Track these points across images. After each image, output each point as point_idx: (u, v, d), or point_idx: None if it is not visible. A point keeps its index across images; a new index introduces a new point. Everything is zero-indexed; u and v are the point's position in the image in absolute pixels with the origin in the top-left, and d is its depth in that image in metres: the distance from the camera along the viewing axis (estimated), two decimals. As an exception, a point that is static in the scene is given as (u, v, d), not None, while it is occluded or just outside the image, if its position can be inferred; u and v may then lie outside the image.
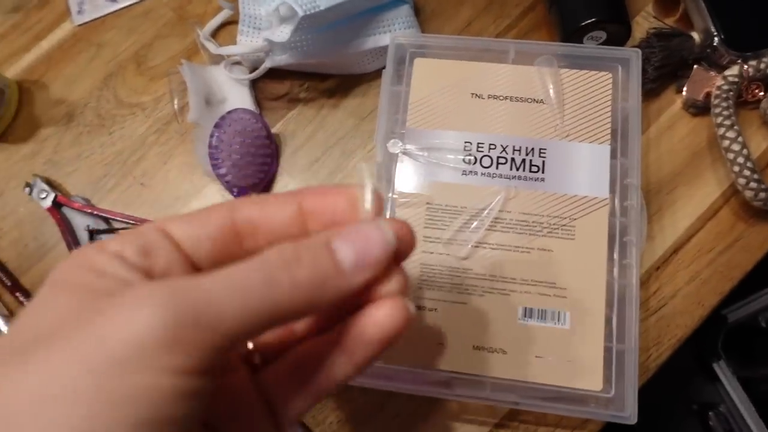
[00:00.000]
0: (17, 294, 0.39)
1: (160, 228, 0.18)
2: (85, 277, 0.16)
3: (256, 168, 0.39)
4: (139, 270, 0.17)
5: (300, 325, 0.21)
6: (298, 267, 0.16)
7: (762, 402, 0.49)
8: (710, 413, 0.51)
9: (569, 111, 0.34)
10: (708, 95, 0.37)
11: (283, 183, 0.41)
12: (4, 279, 0.40)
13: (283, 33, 0.36)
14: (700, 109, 0.38)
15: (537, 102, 0.35)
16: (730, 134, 0.34)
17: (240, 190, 0.39)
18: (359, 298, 0.18)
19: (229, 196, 0.40)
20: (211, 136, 0.38)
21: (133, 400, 0.14)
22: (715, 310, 0.36)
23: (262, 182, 0.40)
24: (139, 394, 0.14)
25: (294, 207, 0.19)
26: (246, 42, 0.40)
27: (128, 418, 0.14)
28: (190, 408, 0.15)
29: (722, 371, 0.50)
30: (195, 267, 0.18)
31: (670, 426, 0.54)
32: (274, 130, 0.41)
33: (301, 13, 0.34)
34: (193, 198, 0.41)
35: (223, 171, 0.38)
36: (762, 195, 0.33)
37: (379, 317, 0.18)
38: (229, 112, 0.38)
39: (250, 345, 0.21)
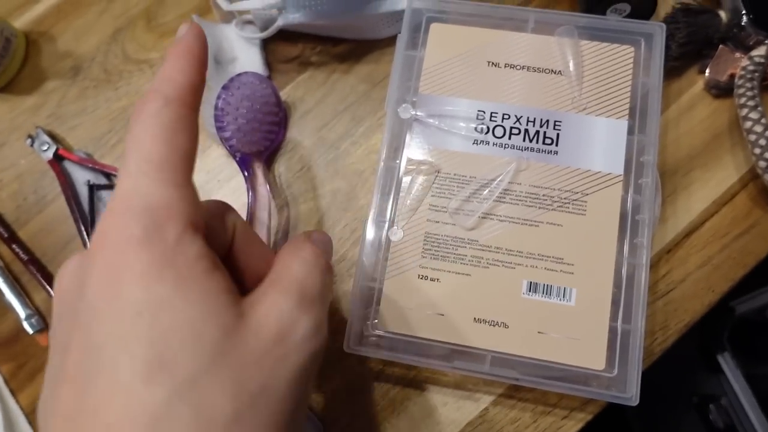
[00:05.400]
0: (13, 246, 0.39)
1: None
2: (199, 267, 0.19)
3: (262, 135, 0.38)
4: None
5: None
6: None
7: (764, 399, 0.48)
8: (711, 406, 0.50)
9: (587, 84, 0.33)
10: (732, 76, 0.36)
11: (291, 147, 0.40)
12: (1, 231, 0.39)
13: (296, -10, 0.35)
14: (722, 90, 0.36)
15: (555, 73, 0.34)
16: (753, 115, 0.33)
17: (243, 156, 0.38)
18: None
19: (232, 161, 0.39)
20: (218, 98, 0.37)
21: None
22: (724, 300, 0.35)
23: (268, 150, 0.39)
24: None
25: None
26: None
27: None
28: None
29: (726, 363, 0.49)
30: None
31: (670, 418, 0.54)
32: (283, 93, 0.40)
33: (316, -31, 0.33)
34: (197, 159, 0.40)
35: (227, 134, 0.37)
36: (782, 180, 0.32)
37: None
38: (238, 75, 0.37)
39: None
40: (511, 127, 0.33)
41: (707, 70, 0.37)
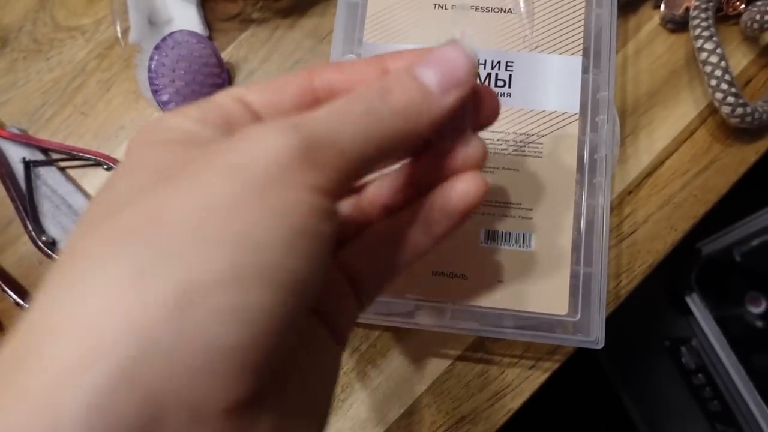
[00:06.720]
0: (-50, 231, 0.37)
1: (237, 97, 0.18)
2: (175, 134, 0.16)
3: (204, 98, 0.36)
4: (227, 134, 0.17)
5: (375, 207, 0.21)
6: (391, 96, 0.17)
7: (734, 339, 0.49)
8: (682, 348, 0.51)
9: (539, 21, 0.32)
10: (687, 9, 0.35)
11: (236, 110, 0.38)
12: (-65, 216, 0.37)
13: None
14: (678, 24, 0.35)
15: (504, 12, 0.32)
16: (708, 45, 0.32)
17: (188, 116, 0.36)
18: (437, 174, 0.20)
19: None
20: (151, 59, 0.35)
21: (286, 210, 0.14)
22: (690, 241, 0.35)
23: (214, 110, 0.37)
24: (290, 206, 0.14)
25: (377, 69, 0.19)
26: (190, -47, 0.37)
27: (284, 227, 0.14)
28: (330, 228, 0.15)
29: (695, 304, 0.49)
30: None
31: (643, 362, 0.54)
32: (225, 54, 0.38)
33: None
34: (138, 128, 0.38)
35: (164, 98, 0.35)
36: (739, 111, 0.31)
37: (462, 187, 0.19)
38: (171, 34, 0.35)
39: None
40: (462, 72, 0.32)
41: (662, 5, 0.35)
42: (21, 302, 0.36)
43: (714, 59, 0.32)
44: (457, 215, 0.19)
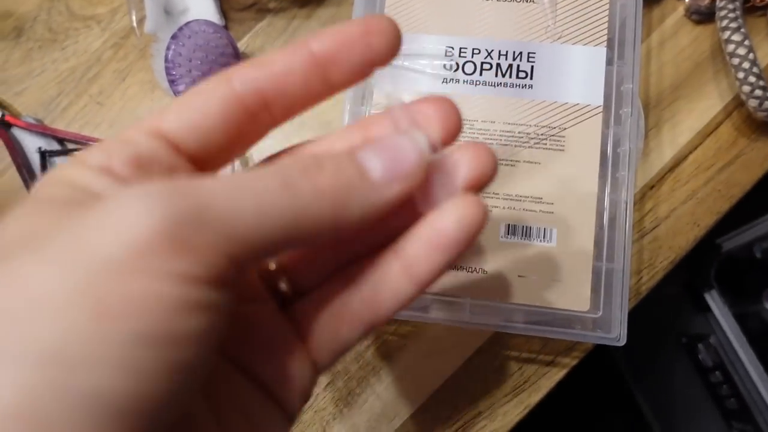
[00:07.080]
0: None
1: (151, 129, 0.15)
2: (63, 191, 0.14)
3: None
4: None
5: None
6: (319, 174, 0.14)
7: (753, 336, 0.48)
8: (699, 345, 0.50)
9: (562, 11, 0.31)
10: (713, 0, 0.34)
11: (252, 101, 0.37)
12: (-48, 205, 0.37)
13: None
14: (704, 16, 0.35)
15: (527, 1, 0.32)
16: (736, 37, 0.31)
17: (204, 107, 0.35)
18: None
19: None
20: (168, 48, 0.34)
21: (127, 310, 0.11)
22: (710, 237, 0.34)
23: (230, 101, 0.37)
24: (135, 304, 0.11)
25: (302, 54, 0.15)
26: (207, -59, 0.36)
27: (120, 332, 0.11)
28: (200, 325, 0.12)
29: (714, 301, 0.49)
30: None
31: (659, 359, 0.53)
32: (241, 44, 0.38)
33: None
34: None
35: (181, 88, 0.34)
36: (767, 104, 0.31)
37: (445, 224, 0.15)
38: (188, 23, 0.35)
39: (273, 265, 0.18)
40: (482, 62, 0.31)
41: (688, -5, 0.35)
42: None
43: (741, 51, 0.31)
44: (445, 252, 0.15)
